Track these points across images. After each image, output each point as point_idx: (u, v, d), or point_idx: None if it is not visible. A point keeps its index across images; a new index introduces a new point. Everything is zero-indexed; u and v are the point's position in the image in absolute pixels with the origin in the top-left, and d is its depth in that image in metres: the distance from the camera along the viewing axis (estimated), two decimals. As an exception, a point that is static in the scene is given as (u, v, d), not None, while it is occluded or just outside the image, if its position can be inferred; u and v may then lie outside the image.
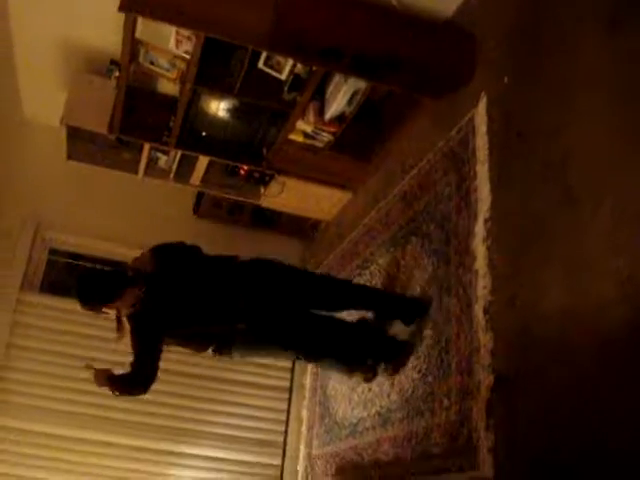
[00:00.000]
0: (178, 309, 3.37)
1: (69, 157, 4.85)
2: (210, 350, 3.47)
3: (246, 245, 5.65)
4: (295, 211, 5.35)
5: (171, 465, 5.09)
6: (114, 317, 3.35)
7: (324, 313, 3.68)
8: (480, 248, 3.03)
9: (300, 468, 4.87)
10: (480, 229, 3.07)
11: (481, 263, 3.00)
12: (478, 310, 2.94)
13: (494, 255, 2.94)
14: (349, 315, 3.93)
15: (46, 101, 5.05)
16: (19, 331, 5.04)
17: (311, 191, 4.90)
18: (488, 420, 2.72)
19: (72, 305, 5.13)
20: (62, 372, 4.94)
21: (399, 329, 3.65)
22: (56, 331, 5.08)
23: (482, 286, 2.95)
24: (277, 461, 5.30)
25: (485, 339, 2.85)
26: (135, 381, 3.27)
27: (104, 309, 3.30)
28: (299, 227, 5.75)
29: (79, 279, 3.45)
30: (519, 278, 2.76)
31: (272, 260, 3.66)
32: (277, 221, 5.70)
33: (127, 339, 3.30)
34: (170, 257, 3.54)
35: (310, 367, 5.14)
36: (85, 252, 5.59)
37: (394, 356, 3.63)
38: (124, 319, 3.33)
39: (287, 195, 4.97)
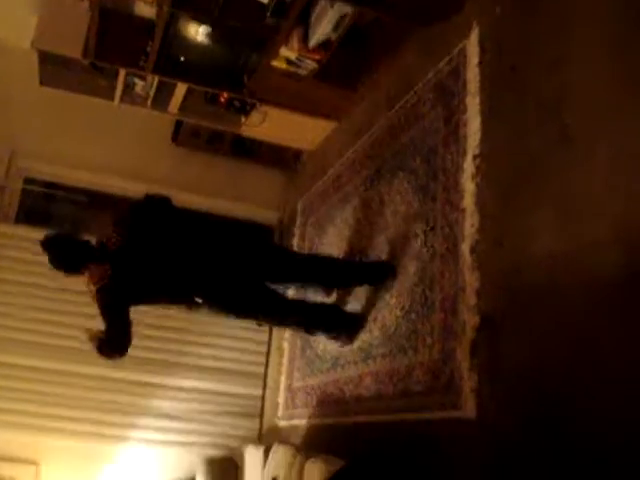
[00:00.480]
0: (142, 284, 3.44)
1: (42, 83, 4.67)
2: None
3: (225, 175, 5.58)
4: (277, 141, 5.22)
5: (151, 397, 5.09)
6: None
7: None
8: (468, 185, 2.94)
9: (281, 400, 4.88)
10: (469, 165, 2.97)
11: (469, 201, 2.92)
12: (465, 249, 2.88)
13: (483, 193, 2.86)
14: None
15: (17, 23, 4.79)
16: (-4, 263, 4.94)
17: (294, 120, 4.75)
18: (472, 360, 2.69)
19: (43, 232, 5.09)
20: (38, 304, 4.88)
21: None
22: (32, 262, 4.94)
23: (469, 225, 2.88)
24: (258, 392, 5.32)
25: (471, 279, 2.80)
26: (111, 349, 3.37)
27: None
28: (281, 157, 5.62)
29: (45, 242, 3.42)
30: (509, 217, 2.69)
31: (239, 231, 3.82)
32: (258, 151, 5.55)
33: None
34: (134, 229, 3.53)
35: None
36: (61, 181, 5.44)
37: (349, 328, 3.76)
38: (92, 289, 3.34)
39: (269, 124, 4.82)
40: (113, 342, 3.34)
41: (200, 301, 3.45)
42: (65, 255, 3.39)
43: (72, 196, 5.39)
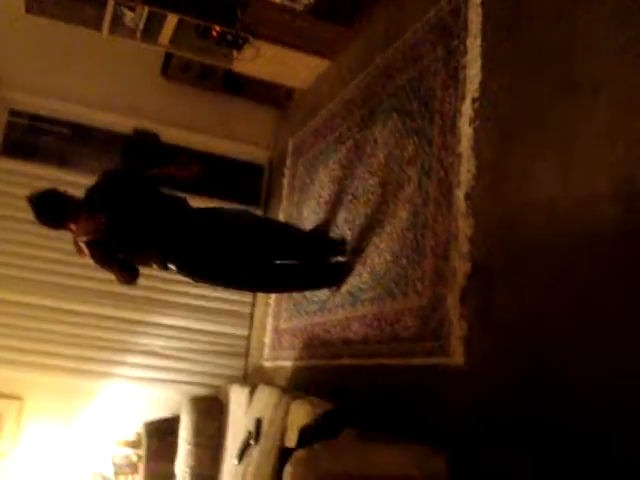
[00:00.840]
0: (129, 240, 3.46)
1: (27, 10, 4.49)
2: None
3: (215, 111, 5.47)
4: (269, 77, 5.08)
5: (137, 334, 5.11)
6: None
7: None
8: (466, 129, 2.87)
9: (267, 340, 4.88)
10: (467, 109, 2.89)
11: (466, 146, 2.85)
12: (459, 195, 2.82)
13: (481, 138, 2.78)
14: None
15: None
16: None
17: (287, 57, 4.61)
18: (462, 308, 2.66)
19: (35, 169, 5.00)
20: (26, 239, 4.80)
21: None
22: (18, 196, 4.83)
23: (465, 170, 2.81)
24: (244, 332, 5.33)
25: (464, 225, 2.75)
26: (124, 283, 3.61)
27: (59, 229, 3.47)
28: (273, 94, 5.49)
29: (31, 199, 3.43)
30: (506, 164, 2.62)
31: (216, 209, 3.76)
32: (249, 87, 5.42)
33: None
34: (122, 187, 3.56)
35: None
36: (47, 114, 5.28)
37: (337, 277, 3.78)
38: (81, 244, 3.34)
39: (261, 60, 4.69)
40: (123, 281, 3.54)
41: (173, 267, 3.47)
42: (50, 208, 3.39)
43: (57, 129, 5.25)
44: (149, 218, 3.47)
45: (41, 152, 5.24)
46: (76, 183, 4.79)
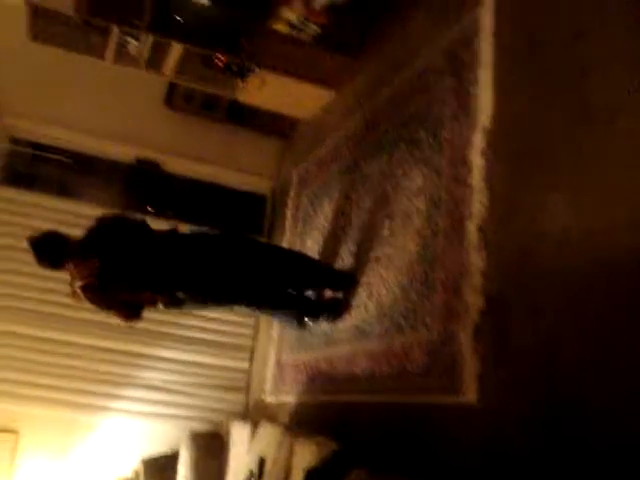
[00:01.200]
0: (127, 278, 3.50)
1: (33, 38, 4.46)
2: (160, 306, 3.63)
3: (219, 141, 5.42)
4: (274, 107, 5.04)
5: (135, 367, 5.00)
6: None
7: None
8: (477, 160, 2.80)
9: (269, 374, 4.77)
10: (478, 139, 2.83)
11: (477, 177, 2.78)
12: (471, 227, 2.74)
13: (493, 169, 2.72)
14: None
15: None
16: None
17: (292, 87, 4.56)
18: (475, 344, 2.58)
19: (35, 198, 4.94)
20: (24, 269, 4.70)
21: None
22: (18, 225, 4.80)
23: (477, 201, 2.74)
24: (245, 365, 5.21)
25: (477, 258, 2.67)
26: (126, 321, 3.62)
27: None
28: (277, 125, 5.44)
29: (31, 242, 3.49)
30: (519, 195, 2.56)
31: (207, 233, 3.78)
32: (253, 118, 5.37)
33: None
34: (117, 232, 3.63)
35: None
36: (48, 142, 5.23)
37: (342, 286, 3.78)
38: (77, 289, 3.39)
39: (266, 90, 4.64)
40: (125, 319, 3.57)
41: (182, 296, 3.53)
42: (49, 252, 3.45)
43: (59, 157, 5.19)
44: (148, 254, 3.54)
45: (42, 181, 5.20)
46: (77, 212, 4.78)
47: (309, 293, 3.98)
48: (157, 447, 4.92)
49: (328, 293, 3.94)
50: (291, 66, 4.37)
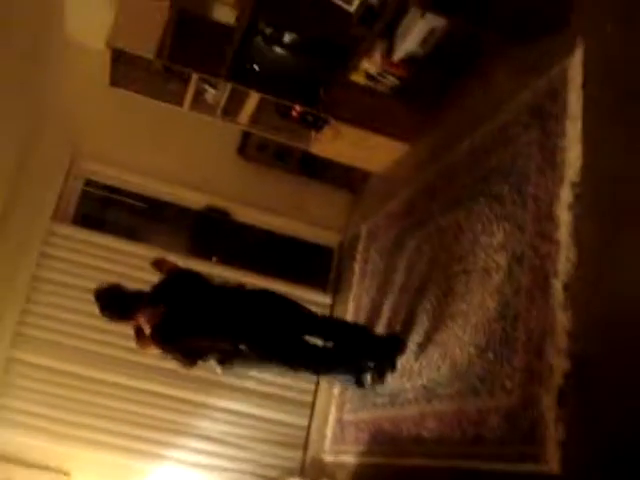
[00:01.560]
0: (193, 324, 3.63)
1: (112, 83, 4.56)
2: (214, 362, 3.69)
3: (289, 192, 5.40)
4: (346, 160, 5.00)
5: (191, 415, 4.91)
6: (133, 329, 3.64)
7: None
8: (565, 216, 2.67)
9: (329, 432, 4.60)
10: (566, 194, 2.70)
11: (565, 233, 2.64)
12: (557, 285, 2.59)
13: (582, 225, 2.58)
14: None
15: (91, 20, 4.73)
16: (46, 263, 4.84)
17: (366, 140, 4.52)
18: (559, 409, 2.40)
19: (103, 240, 4.97)
20: (87, 309, 4.66)
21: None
22: (84, 265, 4.85)
23: (564, 258, 2.59)
24: (304, 422, 5.06)
25: (562, 318, 2.51)
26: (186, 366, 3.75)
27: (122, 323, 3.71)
28: (348, 178, 5.40)
29: (97, 293, 3.70)
30: (610, 252, 2.41)
31: (272, 291, 3.94)
32: (325, 170, 5.35)
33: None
34: (187, 282, 3.81)
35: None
36: (122, 186, 5.31)
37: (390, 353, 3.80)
38: (146, 334, 3.52)
39: (340, 142, 4.62)
40: (186, 363, 3.68)
41: (244, 348, 3.60)
42: (114, 305, 3.63)
43: (130, 201, 5.25)
44: (213, 307, 3.67)
45: (112, 223, 5.26)
46: (143, 256, 4.78)
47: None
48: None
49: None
50: (366, 118, 4.34)
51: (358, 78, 3.97)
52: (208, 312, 3.63)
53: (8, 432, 4.58)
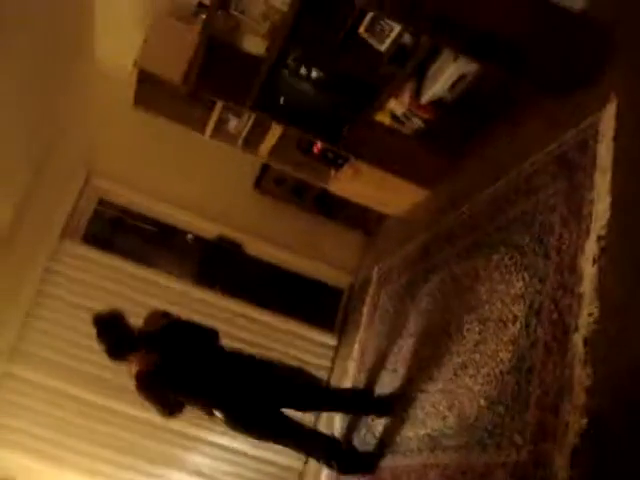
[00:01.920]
0: (178, 380, 3.60)
1: (136, 102, 4.55)
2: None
3: (303, 229, 5.35)
4: (364, 201, 4.95)
5: (185, 448, 4.81)
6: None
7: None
8: (589, 269, 2.58)
9: (324, 477, 4.45)
10: (592, 247, 2.62)
11: (588, 286, 2.55)
12: (577, 340, 2.49)
13: (606, 279, 2.49)
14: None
15: (120, 44, 4.75)
16: (51, 278, 4.79)
17: (386, 182, 4.45)
18: (572, 469, 2.28)
19: (111, 261, 4.92)
20: (87, 329, 4.58)
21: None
22: (89, 285, 4.78)
23: (586, 313, 2.50)
24: (298, 465, 4.92)
25: (581, 374, 2.40)
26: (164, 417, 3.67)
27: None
28: (363, 219, 5.34)
29: (96, 318, 3.69)
30: (634, 307, 2.32)
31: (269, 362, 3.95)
32: (341, 209, 5.29)
33: None
34: (185, 336, 3.74)
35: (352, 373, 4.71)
36: (135, 208, 5.28)
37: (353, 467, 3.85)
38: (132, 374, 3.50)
39: (359, 182, 4.57)
40: (164, 414, 3.60)
41: (219, 415, 3.58)
42: (110, 334, 3.60)
43: (142, 225, 5.21)
44: (202, 367, 3.63)
45: (121, 245, 5.20)
46: (149, 280, 4.71)
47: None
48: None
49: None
50: (388, 160, 4.28)
51: (383, 118, 3.93)
52: (196, 371, 3.61)
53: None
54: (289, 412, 3.80)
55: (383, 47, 3.47)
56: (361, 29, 3.44)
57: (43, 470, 4.52)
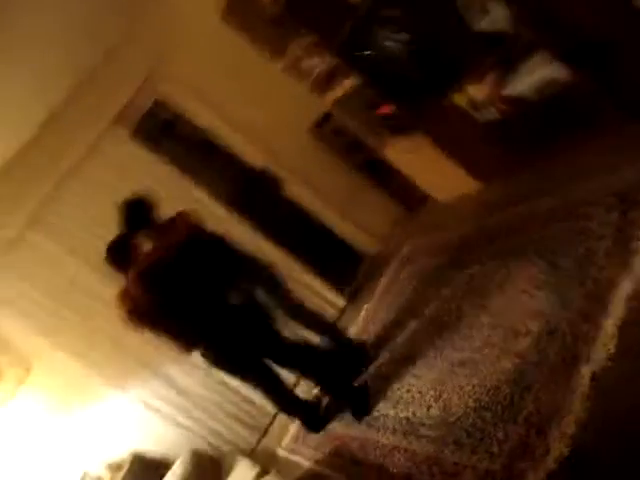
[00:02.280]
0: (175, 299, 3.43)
1: (223, 16, 4.50)
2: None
3: (346, 187, 5.27)
4: (413, 177, 4.85)
5: (171, 363, 4.77)
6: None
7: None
8: (619, 305, 2.51)
9: (292, 430, 4.45)
10: (628, 285, 2.54)
11: (612, 323, 2.48)
12: (585, 372, 2.43)
13: (633, 319, 2.42)
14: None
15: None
16: (93, 157, 4.83)
17: (442, 165, 4.34)
18: (541, 493, 2.25)
19: (155, 162, 4.90)
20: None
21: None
22: (124, 175, 4.76)
23: (602, 346, 2.44)
24: (273, 410, 4.91)
25: (579, 406, 2.35)
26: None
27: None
28: (407, 194, 5.24)
29: (125, 203, 3.59)
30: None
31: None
32: (388, 178, 5.21)
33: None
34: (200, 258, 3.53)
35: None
36: (189, 117, 5.23)
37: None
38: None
39: (414, 157, 4.48)
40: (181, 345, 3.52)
41: (200, 350, 3.53)
42: (132, 216, 3.52)
43: (192, 133, 5.18)
44: (202, 298, 3.46)
45: (167, 149, 5.17)
46: (185, 189, 4.69)
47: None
48: (152, 446, 4.68)
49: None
50: (452, 142, 4.18)
51: (460, 100, 3.82)
52: (195, 299, 3.44)
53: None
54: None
55: (479, 26, 3.37)
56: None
57: (58, 358, 4.57)
